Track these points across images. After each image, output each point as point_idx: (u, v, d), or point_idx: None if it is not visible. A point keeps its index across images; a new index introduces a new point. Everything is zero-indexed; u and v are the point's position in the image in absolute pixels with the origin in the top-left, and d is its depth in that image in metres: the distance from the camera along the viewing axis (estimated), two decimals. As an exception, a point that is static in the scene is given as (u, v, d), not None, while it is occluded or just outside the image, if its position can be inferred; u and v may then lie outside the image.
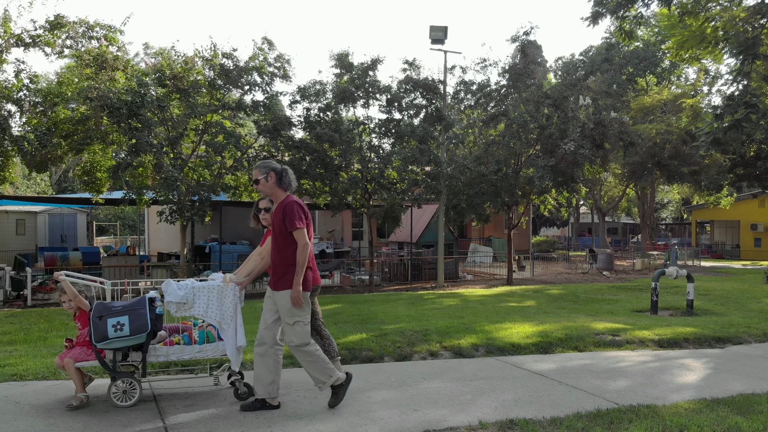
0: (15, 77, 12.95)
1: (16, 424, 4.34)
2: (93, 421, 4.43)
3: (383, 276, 17.75)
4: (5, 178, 13.21)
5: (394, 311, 10.65)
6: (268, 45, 14.53)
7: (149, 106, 13.17)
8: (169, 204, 13.57)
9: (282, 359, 4.98)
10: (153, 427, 4.33)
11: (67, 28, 13.14)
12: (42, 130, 12.91)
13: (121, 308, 5.04)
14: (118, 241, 32.17)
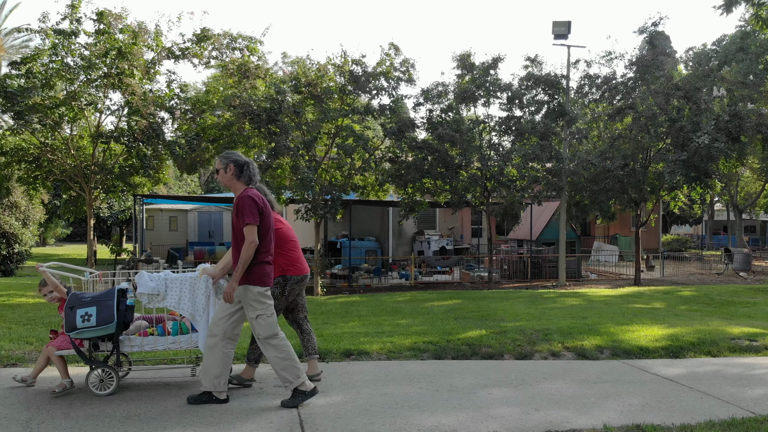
0: (167, 87, 13.90)
1: (166, 402, 4.65)
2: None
3: (502, 273, 17.43)
4: (160, 179, 14.23)
5: (514, 309, 10.42)
6: (395, 50, 14.69)
7: (286, 112, 13.73)
8: (304, 203, 14.08)
9: (232, 354, 4.82)
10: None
11: (213, 40, 13.91)
12: (191, 135, 13.79)
13: (90, 299, 4.98)
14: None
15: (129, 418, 4.27)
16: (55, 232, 34.55)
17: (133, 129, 12.85)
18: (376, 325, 8.66)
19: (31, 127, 12.52)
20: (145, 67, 13.20)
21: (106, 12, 12.74)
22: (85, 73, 12.59)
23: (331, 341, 7.05)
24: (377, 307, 11.18)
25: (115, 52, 12.45)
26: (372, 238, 20.07)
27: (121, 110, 13.44)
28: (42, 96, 12.17)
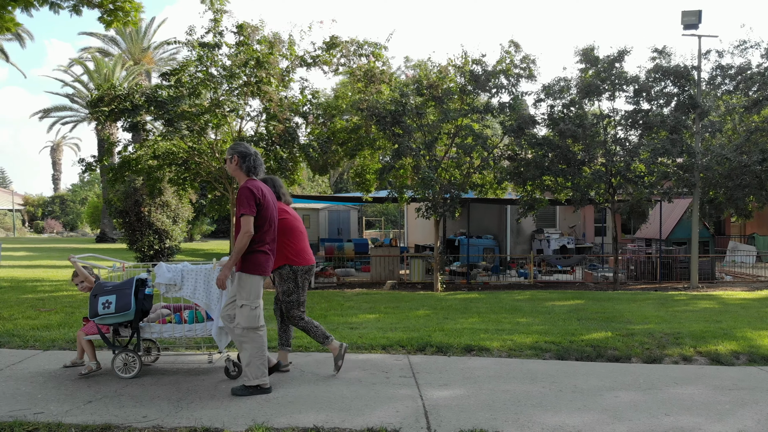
0: (300, 93, 14.46)
1: (300, 388, 4.87)
2: (361, 393, 4.77)
3: (628, 274, 16.58)
4: (295, 180, 14.84)
5: (642, 311, 9.90)
6: (515, 47, 14.40)
7: (409, 114, 13.88)
8: (425, 201, 14.18)
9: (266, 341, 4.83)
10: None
11: (341, 47, 14.30)
12: (323, 139, 14.27)
13: (111, 288, 5.20)
14: (383, 234, 34.45)
15: (267, 401, 4.51)
16: (201, 228, 37.03)
17: (271, 133, 13.49)
18: (496, 323, 8.56)
19: (180, 133, 13.48)
20: (280, 75, 13.79)
21: (246, 25, 13.44)
22: (227, 82, 13.37)
23: (451, 336, 7.06)
24: (496, 304, 11.04)
25: (253, 62, 13.12)
26: (490, 236, 19.82)
27: (259, 116, 14.16)
28: (189, 104, 13.06)
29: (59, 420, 3.98)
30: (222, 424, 3.97)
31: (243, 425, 3.95)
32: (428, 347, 6.35)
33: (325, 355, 6.04)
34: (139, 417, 4.09)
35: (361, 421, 4.05)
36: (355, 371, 5.40)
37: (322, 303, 11.01)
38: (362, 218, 31.96)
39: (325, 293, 12.98)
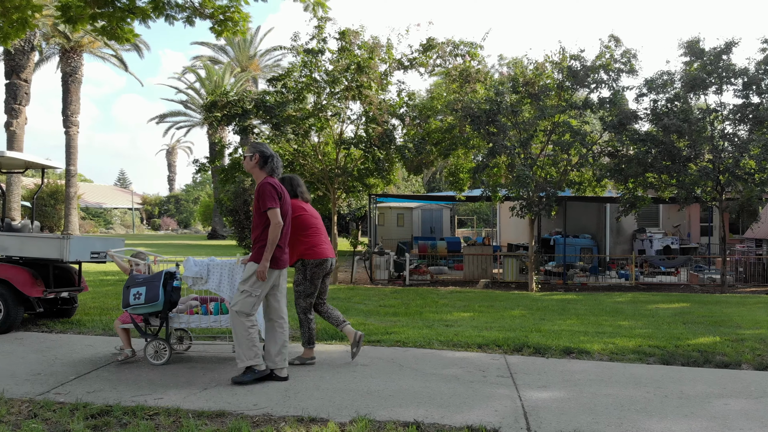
0: (397, 96, 14.58)
1: (400, 382, 4.92)
2: (459, 390, 4.76)
3: (737, 276, 15.51)
4: (391, 180, 14.99)
5: (752, 315, 9.24)
6: (615, 42, 13.85)
7: (504, 112, 13.68)
8: (519, 200, 13.91)
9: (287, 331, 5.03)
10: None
11: (437, 48, 14.27)
12: (418, 139, 14.33)
13: (141, 280, 5.42)
14: (475, 232, 34.13)
15: (369, 393, 4.60)
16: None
17: (370, 135, 13.71)
18: (596, 325, 8.27)
19: (286, 137, 13.95)
20: (379, 78, 13.97)
21: (347, 31, 13.71)
22: (329, 87, 13.70)
23: (549, 337, 6.90)
24: (595, 306, 10.67)
25: (354, 66, 13.36)
26: (587, 236, 19.13)
27: (359, 119, 14.41)
28: (294, 108, 13.49)
29: (178, 405, 4.23)
30: (327, 414, 4.08)
31: (347, 416, 4.04)
32: (525, 348, 6.24)
33: (425, 351, 6.07)
34: (250, 405, 4.28)
35: (460, 419, 4.04)
36: (452, 369, 5.40)
37: (417, 300, 11.05)
38: (455, 217, 31.78)
39: (420, 290, 13.02)
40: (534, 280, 14.05)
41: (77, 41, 33.12)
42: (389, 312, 9.34)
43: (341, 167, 14.46)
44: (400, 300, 10.97)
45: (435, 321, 8.34)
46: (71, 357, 5.65)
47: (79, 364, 5.40)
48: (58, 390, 4.56)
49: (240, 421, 3.90)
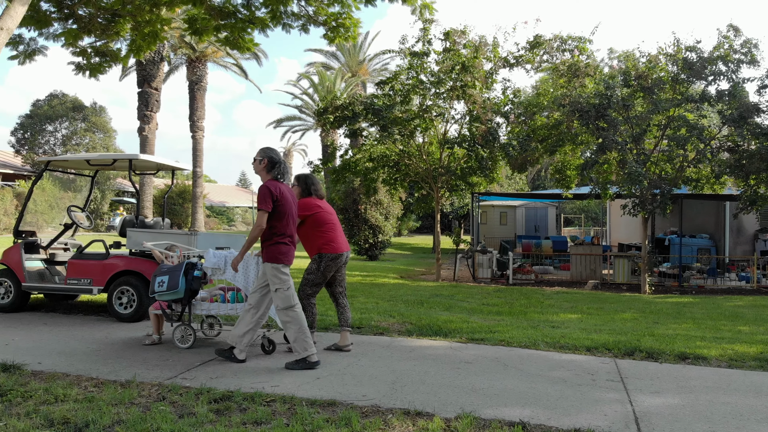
0: (502, 94, 14.33)
1: (505, 382, 4.84)
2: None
3: None
4: (494, 178, 14.76)
5: None
6: (734, 32, 12.84)
7: (614, 106, 13.07)
8: (631, 198, 13.25)
9: (253, 319, 5.27)
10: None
11: (544, 45, 13.89)
12: (522, 137, 14.01)
13: (166, 270, 5.72)
14: (583, 231, 32.83)
15: (474, 391, 4.55)
16: (408, 224, 38.41)
17: (474, 134, 13.58)
18: (714, 330, 7.71)
19: (392, 138, 14.12)
20: (484, 77, 13.80)
21: (452, 31, 13.66)
22: (435, 88, 13.71)
23: (663, 342, 6.51)
24: (713, 310, 9.95)
25: (459, 66, 13.29)
26: (705, 236, 17.85)
27: (463, 118, 14.31)
28: (400, 110, 13.63)
29: (293, 393, 4.39)
30: (432, 409, 4.08)
31: (452, 412, 4.03)
32: (637, 352, 5.93)
33: (530, 352, 5.93)
34: (359, 395, 4.37)
35: (567, 421, 3.91)
36: (559, 371, 5.23)
37: (521, 299, 10.81)
38: (560, 215, 30.75)
39: (524, 290, 12.73)
40: (647, 282, 13.32)
41: (202, 51, 35.21)
42: (492, 311, 9.20)
43: (445, 166, 14.42)
44: (504, 299, 10.77)
45: (540, 321, 8.12)
46: (195, 344, 6.01)
47: (205, 351, 5.74)
48: (185, 375, 4.87)
49: (350, 410, 3.99)
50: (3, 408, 3.87)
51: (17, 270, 7.53)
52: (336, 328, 6.72)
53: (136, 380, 4.64)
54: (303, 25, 15.35)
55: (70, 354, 5.48)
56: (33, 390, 4.24)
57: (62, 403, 4.02)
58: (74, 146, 35.46)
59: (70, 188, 32.71)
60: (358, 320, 7.37)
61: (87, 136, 36.27)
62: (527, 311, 9.23)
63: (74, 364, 5.09)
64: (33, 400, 4.05)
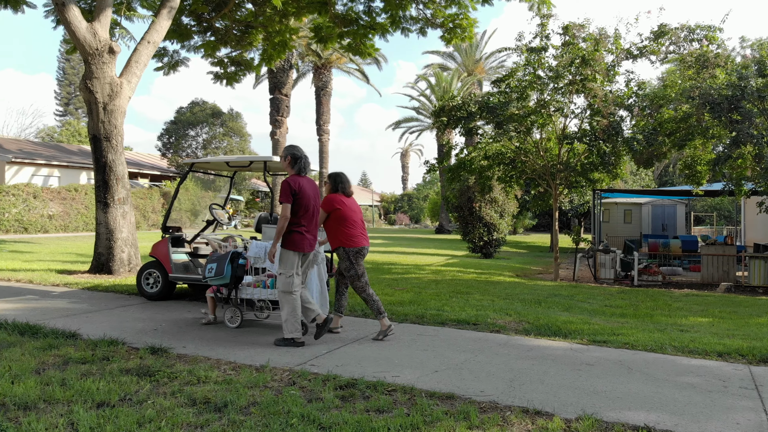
0: (626, 86, 13.58)
1: (629, 385, 4.60)
2: (696, 398, 4.32)
3: None
4: (617, 174, 14.03)
5: None
6: None
7: (749, 97, 11.96)
8: (769, 195, 12.08)
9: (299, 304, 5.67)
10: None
11: (670, 35, 13.02)
12: (648, 131, 13.19)
13: (216, 258, 6.32)
14: (715, 230, 30.34)
15: (595, 393, 4.38)
16: (524, 222, 37.46)
17: (595, 129, 12.98)
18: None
19: (508, 135, 13.84)
20: (605, 70, 13.17)
21: (571, 25, 13.16)
22: (553, 83, 13.28)
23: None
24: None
25: (579, 60, 12.78)
26: None
27: (583, 113, 13.73)
28: (516, 107, 13.32)
29: (412, 384, 4.46)
30: (552, 409, 3.98)
31: (572, 413, 3.91)
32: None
33: (656, 356, 5.61)
34: (477, 391, 4.35)
35: (696, 428, 3.66)
36: (687, 376, 4.90)
37: (647, 301, 10.21)
38: (690, 213, 28.61)
39: (650, 291, 12.00)
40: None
41: (327, 58, 36.47)
42: (616, 313, 8.77)
43: (563, 162, 13.92)
44: (628, 301, 10.22)
45: (668, 325, 7.63)
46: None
47: (330, 340, 5.97)
48: (313, 362, 5.10)
49: (468, 405, 3.99)
50: (151, 388, 4.24)
51: (165, 262, 8.20)
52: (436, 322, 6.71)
53: (269, 365, 4.92)
54: (421, 28, 15.52)
55: (211, 339, 5.92)
56: (178, 371, 4.62)
57: (204, 384, 4.36)
58: (213, 149, 38.09)
59: (210, 188, 35.22)
60: (474, 317, 7.33)
61: (225, 140, 38.82)
62: (653, 314, 8.71)
63: (215, 349, 5.50)
64: (178, 380, 4.41)
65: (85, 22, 10.61)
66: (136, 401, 3.91)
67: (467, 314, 7.54)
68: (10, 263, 12.28)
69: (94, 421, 3.50)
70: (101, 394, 3.98)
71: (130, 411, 3.70)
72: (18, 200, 24.30)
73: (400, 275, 12.81)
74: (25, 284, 9.54)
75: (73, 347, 5.27)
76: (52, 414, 3.62)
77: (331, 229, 6.17)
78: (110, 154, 10.87)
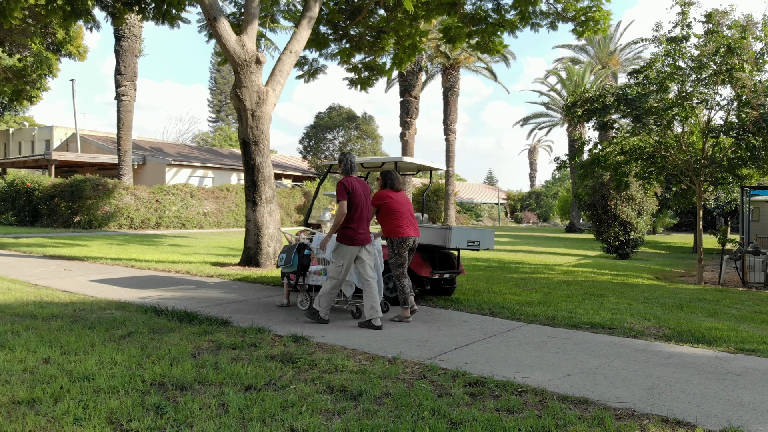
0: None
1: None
2: None
3: None
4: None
5: None
6: None
7: None
8: None
9: (373, 289, 6.30)
10: None
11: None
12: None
13: (287, 248, 6.99)
14: None
15: (742, 405, 3.99)
16: (664, 221, 34.92)
17: (743, 121, 11.77)
18: None
19: (647, 129, 12.94)
20: (753, 58, 11.91)
21: (714, 12, 12.08)
22: (695, 73, 12.24)
23: None
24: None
25: (724, 49, 11.68)
26: None
27: (730, 104, 12.49)
28: (655, 99, 12.42)
29: (543, 387, 4.32)
30: (694, 419, 3.69)
31: (717, 425, 3.59)
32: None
33: (817, 369, 4.99)
34: (613, 397, 4.13)
35: None
36: None
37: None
38: None
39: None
40: None
41: (455, 59, 36.38)
42: (766, 320, 7.91)
43: (708, 157, 12.76)
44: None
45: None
46: (451, 330, 6.28)
47: (458, 336, 5.97)
48: (442, 357, 5.12)
49: (603, 411, 3.80)
50: (293, 374, 4.48)
51: None
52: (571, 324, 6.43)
53: (401, 358, 5.02)
54: (551, 22, 14.99)
55: (348, 329, 6.15)
56: (317, 359, 4.85)
57: (340, 372, 4.54)
58: (349, 152, 39.46)
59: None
60: (609, 320, 6.97)
61: (358, 142, 40.11)
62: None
63: (351, 339, 5.70)
64: (317, 368, 4.63)
65: (235, 35, 11.42)
66: (280, 386, 4.16)
67: (602, 317, 7.18)
68: (170, 256, 13.57)
69: (243, 403, 3.77)
70: (249, 378, 4.28)
71: (275, 395, 3.94)
72: (177, 199, 26.75)
73: (528, 275, 12.47)
74: (183, 275, 10.49)
75: (225, 333, 5.71)
76: (206, 395, 3.94)
77: (381, 220, 6.83)
78: (258, 157, 11.64)
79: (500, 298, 8.61)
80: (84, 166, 33.29)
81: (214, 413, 3.60)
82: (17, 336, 5.29)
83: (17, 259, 12.33)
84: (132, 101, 27.30)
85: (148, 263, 11.87)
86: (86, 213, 23.69)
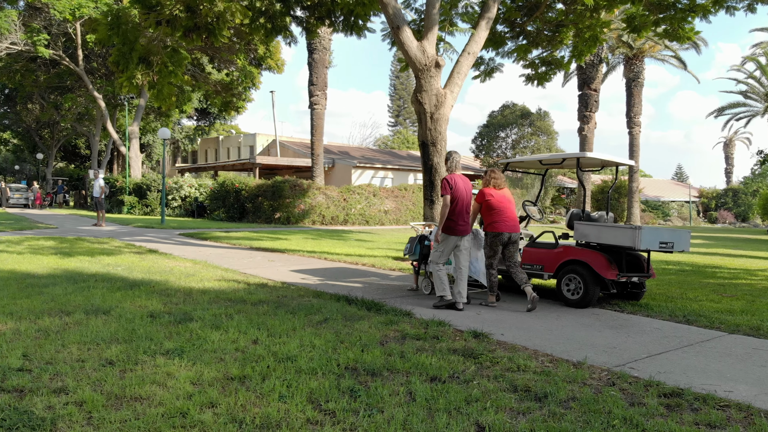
0: None
1: None
2: None
3: None
4: None
5: None
6: None
7: None
8: None
9: (462, 274, 6.95)
10: None
11: None
12: None
13: (412, 240, 7.83)
14: None
15: None
16: None
17: None
18: None
19: None
20: None
21: None
22: None
23: None
24: None
25: None
26: None
27: None
28: None
29: (749, 402, 3.81)
30: None
31: None
32: None
33: None
34: None
35: None
36: None
37: None
38: None
39: None
40: None
41: (639, 48, 33.66)
42: None
43: None
44: None
45: None
46: (641, 337, 5.79)
47: (649, 344, 5.48)
48: (632, 365, 4.73)
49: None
50: (475, 369, 4.44)
51: None
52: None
53: (587, 362, 4.74)
54: (749, 4, 13.11)
55: (527, 329, 5.97)
56: (498, 357, 4.76)
57: (523, 372, 4.40)
58: (521, 149, 38.45)
59: (518, 185, 35.66)
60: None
61: (532, 139, 38.86)
62: None
63: (531, 339, 5.53)
64: (499, 366, 4.54)
65: (416, 41, 11.69)
66: (463, 380, 4.15)
67: (822, 330, 6.13)
68: (356, 249, 14.33)
69: (429, 393, 3.83)
70: (433, 369, 4.34)
71: (459, 388, 3.95)
72: (361, 198, 28.25)
73: (727, 280, 11.07)
74: (368, 267, 11.01)
75: (409, 324, 5.87)
76: (394, 382, 4.07)
77: (483, 216, 7.25)
78: (435, 157, 11.81)
79: (696, 305, 7.75)
80: (282, 169, 36.63)
81: (402, 401, 3.71)
82: (230, 319, 5.92)
83: (229, 250, 13.90)
84: (323, 109, 29.38)
85: (338, 256, 12.66)
86: (285, 210, 26.03)
